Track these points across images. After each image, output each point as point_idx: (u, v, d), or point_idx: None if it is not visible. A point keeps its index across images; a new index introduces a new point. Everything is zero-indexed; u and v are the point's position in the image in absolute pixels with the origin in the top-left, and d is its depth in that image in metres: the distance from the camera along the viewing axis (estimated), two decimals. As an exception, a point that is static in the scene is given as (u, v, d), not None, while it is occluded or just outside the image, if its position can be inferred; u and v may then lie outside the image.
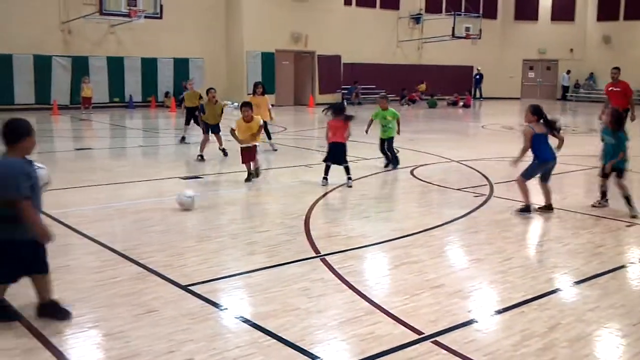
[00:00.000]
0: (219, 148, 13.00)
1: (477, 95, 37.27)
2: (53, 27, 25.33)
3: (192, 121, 15.38)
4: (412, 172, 11.09)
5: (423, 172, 11.23)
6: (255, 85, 14.10)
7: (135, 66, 27.54)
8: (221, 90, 29.55)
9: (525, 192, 8.00)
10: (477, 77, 37.69)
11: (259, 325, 4.46)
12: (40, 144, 15.35)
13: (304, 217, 7.72)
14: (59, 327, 4.39)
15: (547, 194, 8.15)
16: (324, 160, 9.93)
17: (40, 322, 4.42)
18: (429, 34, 35.39)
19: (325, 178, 9.80)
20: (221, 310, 4.78)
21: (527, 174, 8.04)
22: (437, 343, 4.21)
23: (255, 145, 10.02)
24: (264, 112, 13.21)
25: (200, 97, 15.27)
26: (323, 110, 10.37)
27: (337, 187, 9.57)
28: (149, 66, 27.88)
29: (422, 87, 34.44)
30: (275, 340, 4.23)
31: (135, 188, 9.64)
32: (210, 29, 29.26)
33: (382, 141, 11.48)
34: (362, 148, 12.88)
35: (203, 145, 12.65)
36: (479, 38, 35.37)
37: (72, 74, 25.82)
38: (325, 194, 9.16)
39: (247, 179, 9.97)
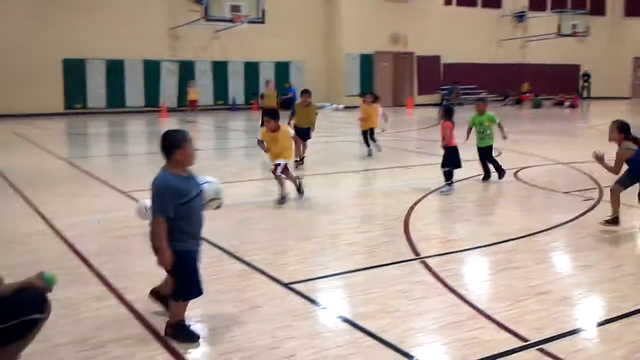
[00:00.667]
0: (298, 156, 11.65)
1: (585, 95, 35.74)
2: (161, 34, 26.52)
3: None
4: (515, 175, 10.76)
5: (527, 174, 10.88)
6: (365, 94, 13.90)
7: (239, 70, 28.39)
8: (320, 92, 30.05)
9: (616, 202, 7.06)
10: (585, 76, 36.12)
11: (358, 325, 4.48)
12: (150, 145, 16.18)
13: (404, 218, 7.68)
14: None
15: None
16: (443, 166, 9.34)
17: (151, 315, 4.64)
18: (532, 32, 34.29)
19: (450, 183, 9.30)
20: (321, 308, 4.84)
21: (623, 182, 7.09)
22: (542, 351, 4.07)
23: (284, 164, 8.50)
24: (375, 120, 13.16)
25: (278, 96, 15.40)
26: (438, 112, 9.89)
27: (437, 189, 9.44)
28: (252, 70, 28.63)
29: (526, 86, 33.39)
30: (375, 341, 4.23)
31: (241, 187, 9.92)
32: (310, 32, 29.69)
33: (480, 150, 10.25)
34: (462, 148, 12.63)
35: (298, 149, 11.50)
36: (587, 36, 33.91)
37: (179, 77, 26.94)
38: (425, 195, 9.05)
39: (280, 201, 8.43)
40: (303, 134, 11.79)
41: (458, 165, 9.36)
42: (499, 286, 5.41)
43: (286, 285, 5.31)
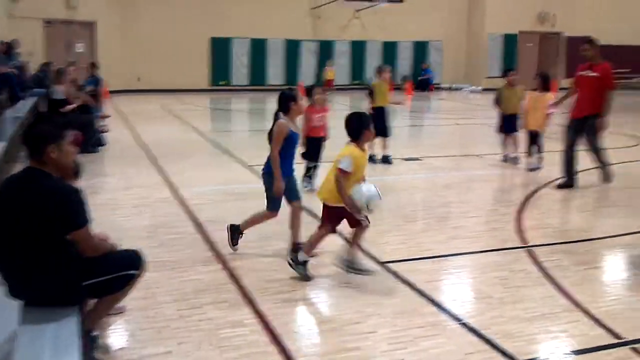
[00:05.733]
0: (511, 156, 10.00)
1: None
2: (303, 13, 27.08)
3: None
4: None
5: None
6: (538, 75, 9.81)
7: (377, 49, 28.37)
8: (459, 74, 29.37)
9: None
10: None
11: (445, 308, 4.47)
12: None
13: (519, 205, 7.44)
14: (264, 286, 4.83)
15: None
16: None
17: (248, 281, 4.91)
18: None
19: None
20: (412, 289, 4.85)
21: None
22: (635, 350, 3.86)
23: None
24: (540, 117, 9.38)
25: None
26: None
27: (559, 177, 8.94)
28: (390, 50, 28.52)
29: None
30: (459, 325, 4.21)
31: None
32: (451, 11, 28.99)
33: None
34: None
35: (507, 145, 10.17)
36: None
37: (318, 57, 27.43)
38: (547, 183, 8.67)
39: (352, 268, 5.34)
40: (510, 126, 10.03)
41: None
42: (607, 280, 5.16)
43: (382, 264, 5.38)
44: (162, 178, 8.87)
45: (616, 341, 3.99)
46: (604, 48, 8.49)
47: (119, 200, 7.68)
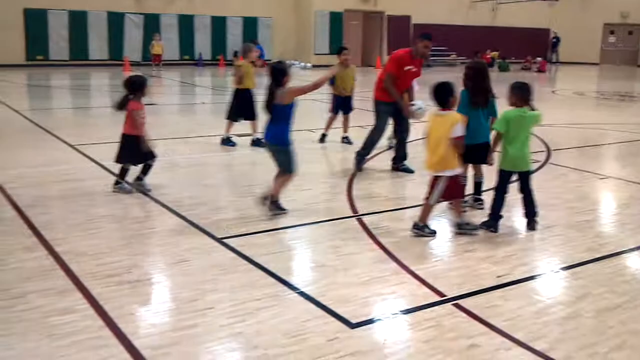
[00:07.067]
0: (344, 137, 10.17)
1: (554, 59, 35.93)
2: (127, -15, 25.92)
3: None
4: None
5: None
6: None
7: (205, 24, 27.92)
8: (289, 50, 29.75)
9: None
10: (554, 40, 36.28)
11: (282, 279, 4.55)
12: (111, 98, 16.03)
13: (349, 177, 7.74)
14: (94, 270, 4.61)
15: None
16: None
17: (76, 266, 4.66)
18: (504, -6, 34.22)
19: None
20: (249, 263, 4.86)
21: None
22: (458, 306, 4.19)
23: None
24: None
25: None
26: None
27: (384, 151, 9.39)
28: (219, 25, 28.20)
29: (495, 54, 33.34)
30: (296, 294, 4.30)
31: (189, 144, 9.86)
32: (279, -12, 29.26)
33: None
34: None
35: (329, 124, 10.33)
36: (557, 0, 33.92)
37: (144, 31, 26.42)
38: (378, 154, 9.02)
39: None
40: (346, 105, 10.22)
41: None
42: (426, 244, 5.52)
43: (219, 240, 5.35)
44: (-27, 160, 8.13)
45: (440, 299, 4.30)
46: (421, 27, 8.97)
47: None
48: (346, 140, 10.07)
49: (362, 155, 8.14)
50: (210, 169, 8.12)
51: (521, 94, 5.67)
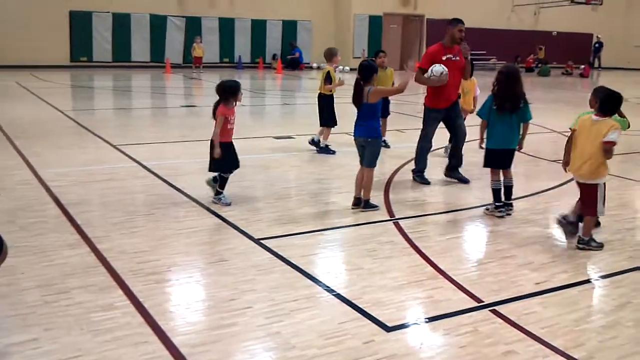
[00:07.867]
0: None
1: (596, 64, 35.27)
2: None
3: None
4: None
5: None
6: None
7: (246, 27, 28.16)
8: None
9: None
10: (597, 45, 35.62)
11: (319, 281, 4.58)
12: (152, 100, 16.28)
13: (385, 181, 7.74)
14: (135, 268, 4.71)
15: None
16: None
17: (118, 263, 4.76)
18: (546, -1, 33.73)
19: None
20: (286, 264, 4.91)
21: None
22: (495, 312, 4.16)
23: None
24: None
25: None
26: None
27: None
28: (259, 28, 28.42)
29: (541, 53, 32.90)
30: (332, 296, 4.33)
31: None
32: (319, -9, 29.36)
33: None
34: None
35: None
36: (600, 4, 33.28)
37: (186, 33, 26.79)
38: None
39: None
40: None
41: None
42: (459, 250, 5.48)
43: (257, 241, 5.41)
44: (20, 159, 8.35)
45: (477, 304, 4.28)
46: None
47: (-29, 183, 7.15)
48: (384, 143, 10.06)
49: (420, 171, 7.90)
50: (248, 170, 8.18)
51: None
